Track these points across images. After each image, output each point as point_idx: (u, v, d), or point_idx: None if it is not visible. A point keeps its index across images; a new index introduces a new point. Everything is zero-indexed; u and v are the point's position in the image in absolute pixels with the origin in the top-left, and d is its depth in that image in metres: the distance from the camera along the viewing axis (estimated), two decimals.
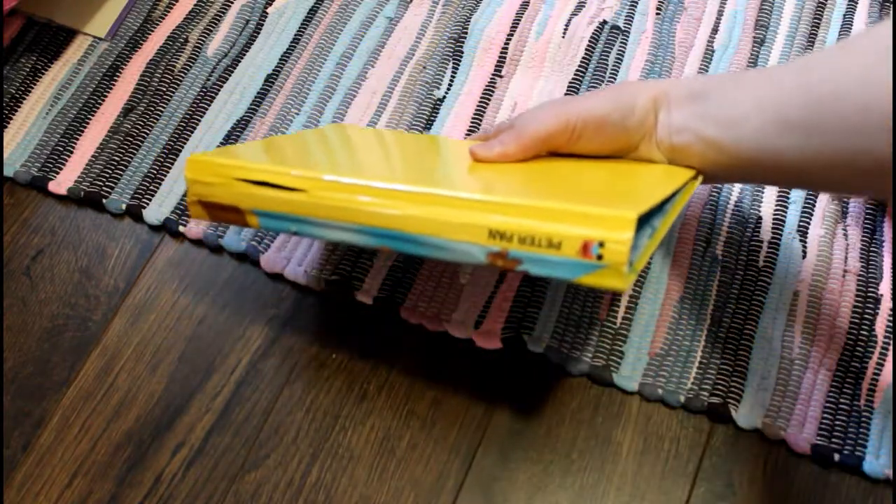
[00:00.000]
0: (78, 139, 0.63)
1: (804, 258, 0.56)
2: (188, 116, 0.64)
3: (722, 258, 0.57)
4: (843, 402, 0.52)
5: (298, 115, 0.63)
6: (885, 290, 0.55)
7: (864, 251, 0.56)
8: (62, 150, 0.63)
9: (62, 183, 0.62)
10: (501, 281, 0.57)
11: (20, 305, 0.58)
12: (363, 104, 0.64)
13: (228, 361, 0.56)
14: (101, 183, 0.61)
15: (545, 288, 0.56)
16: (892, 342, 0.54)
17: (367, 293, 0.57)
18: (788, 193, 0.58)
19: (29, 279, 0.59)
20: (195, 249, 0.60)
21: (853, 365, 0.53)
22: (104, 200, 0.61)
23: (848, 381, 0.53)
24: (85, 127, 0.64)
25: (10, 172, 0.62)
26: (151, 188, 0.61)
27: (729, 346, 0.54)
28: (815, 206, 0.58)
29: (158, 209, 0.60)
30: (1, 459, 0.53)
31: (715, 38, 0.65)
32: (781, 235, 0.57)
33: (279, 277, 0.58)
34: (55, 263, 0.59)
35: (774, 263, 0.56)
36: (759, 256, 0.57)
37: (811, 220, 0.58)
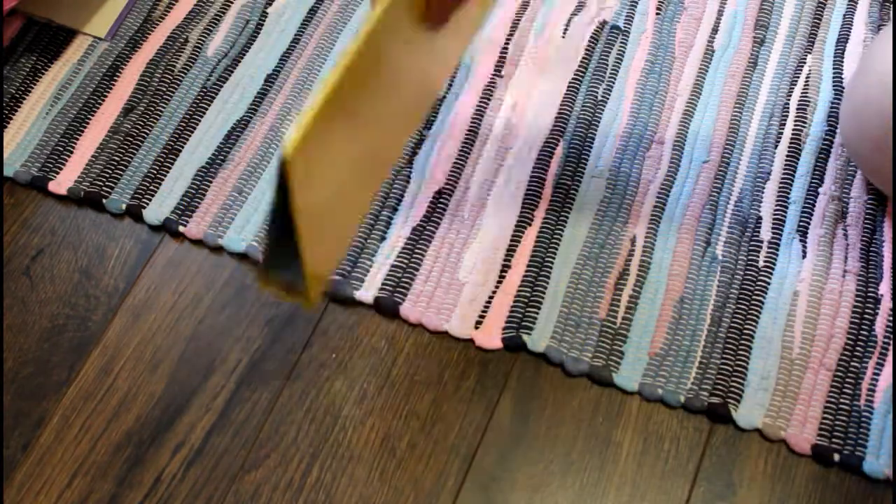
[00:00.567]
0: (78, 139, 0.63)
1: (804, 258, 0.56)
2: (188, 116, 0.64)
3: (722, 258, 0.57)
4: (843, 402, 0.52)
5: (298, 115, 0.63)
6: (885, 290, 0.55)
7: (863, 251, 0.56)
8: (62, 150, 0.63)
9: (62, 183, 0.62)
10: (501, 281, 0.57)
11: (20, 305, 0.58)
12: None
13: (228, 361, 0.56)
14: (101, 183, 0.61)
15: (545, 288, 0.56)
16: (892, 342, 0.54)
17: (367, 293, 0.57)
18: (788, 193, 0.59)
19: (29, 279, 0.59)
20: (195, 249, 0.60)
21: (853, 365, 0.53)
22: (104, 200, 0.61)
23: (848, 381, 0.53)
24: (85, 127, 0.64)
25: (10, 172, 0.62)
26: (151, 188, 0.61)
27: (729, 346, 0.54)
28: (815, 206, 0.58)
29: (158, 209, 0.60)
30: (1, 459, 0.53)
31: (715, 38, 0.65)
32: (781, 235, 0.57)
33: None
34: (55, 263, 0.59)
35: (774, 263, 0.56)
36: (759, 256, 0.57)
37: (811, 220, 0.58)
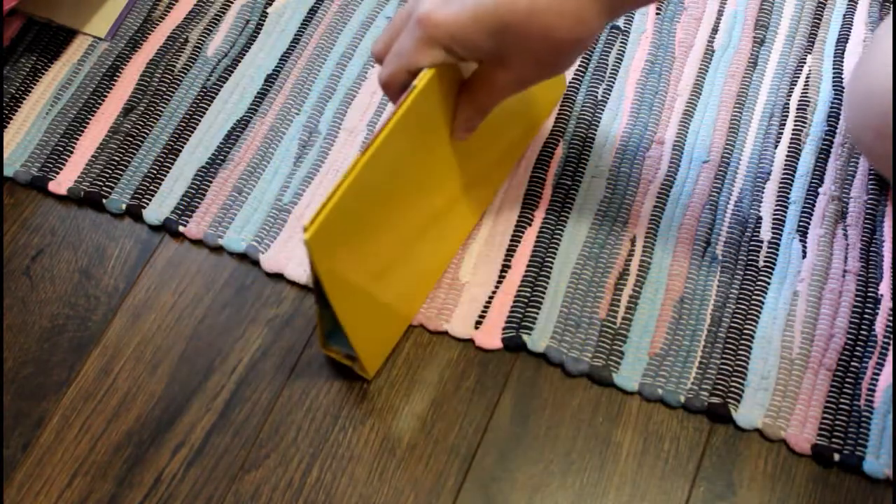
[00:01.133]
0: (78, 139, 0.63)
1: (804, 258, 0.56)
2: (188, 116, 0.64)
3: (722, 258, 0.57)
4: (843, 402, 0.52)
5: (298, 115, 0.63)
6: (884, 290, 0.55)
7: (863, 251, 0.56)
8: (62, 150, 0.63)
9: (62, 183, 0.62)
10: (501, 281, 0.57)
11: (20, 305, 0.58)
12: (363, 104, 0.64)
13: (228, 361, 0.56)
14: (101, 183, 0.61)
15: (545, 288, 0.56)
16: (892, 342, 0.54)
17: None
18: (788, 193, 0.59)
19: (29, 279, 0.59)
20: (195, 249, 0.60)
21: (853, 365, 0.53)
22: (104, 200, 0.61)
23: (848, 381, 0.53)
24: (85, 127, 0.64)
25: (10, 172, 0.62)
26: (151, 188, 0.61)
27: (729, 346, 0.54)
28: (814, 205, 0.58)
29: (158, 209, 0.60)
30: (1, 459, 0.53)
31: (715, 38, 0.65)
32: (781, 235, 0.57)
33: (279, 277, 0.58)
34: (55, 263, 0.59)
35: (774, 263, 0.56)
36: (759, 256, 0.57)
37: (811, 219, 0.58)
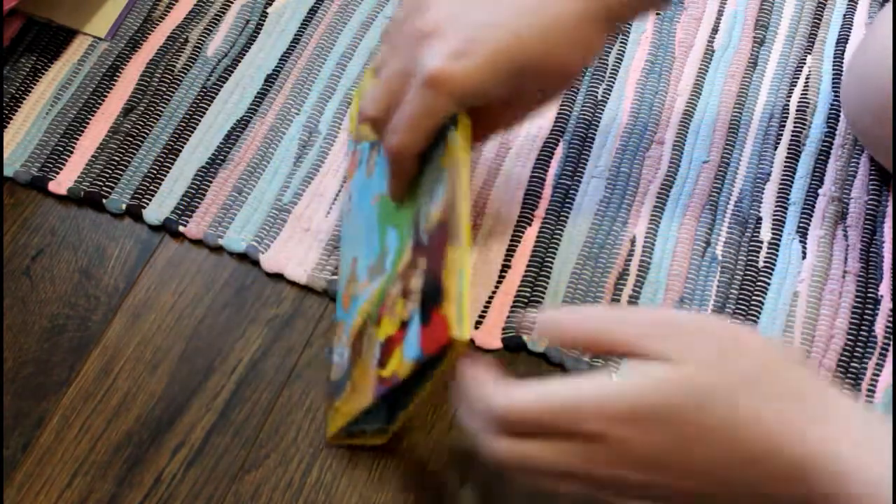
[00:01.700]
0: (78, 139, 0.63)
1: (804, 259, 0.56)
2: (188, 116, 0.64)
3: (722, 258, 0.57)
4: None
5: (298, 115, 0.63)
6: (884, 291, 0.55)
7: (863, 252, 0.56)
8: (62, 150, 0.63)
9: (62, 183, 0.62)
10: (501, 281, 0.57)
11: (20, 305, 0.58)
12: None
13: (228, 361, 0.56)
14: (101, 183, 0.61)
15: (545, 288, 0.56)
16: (892, 343, 0.54)
17: None
18: (788, 194, 0.59)
19: (29, 279, 0.59)
20: (195, 249, 0.60)
21: (853, 365, 0.53)
22: (104, 200, 0.61)
23: (848, 381, 0.53)
24: (85, 127, 0.64)
25: (10, 172, 0.62)
26: (151, 188, 0.61)
27: None
28: (814, 206, 0.58)
29: (158, 209, 0.60)
30: (1, 459, 0.53)
31: (715, 38, 0.65)
32: (781, 236, 0.57)
33: (279, 277, 0.58)
34: (55, 263, 0.59)
35: (774, 264, 0.56)
36: (758, 257, 0.57)
37: (811, 220, 0.58)
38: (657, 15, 0.66)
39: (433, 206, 0.46)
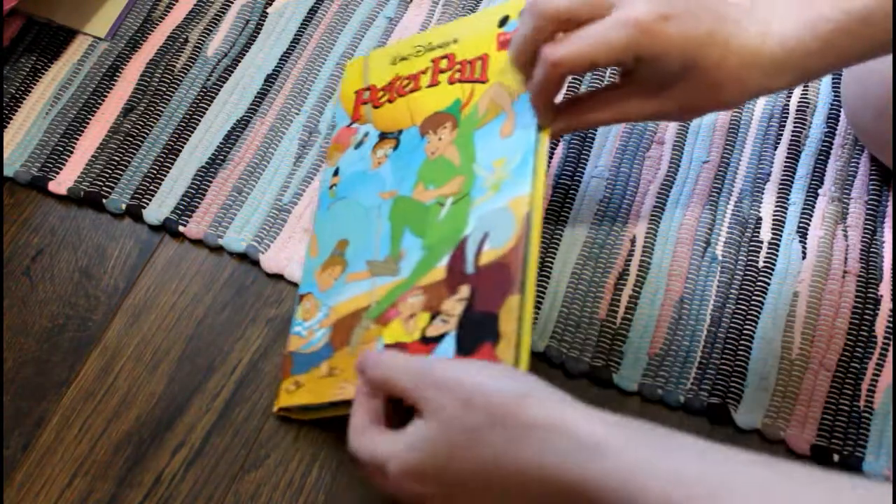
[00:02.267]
0: (78, 139, 0.63)
1: (804, 259, 0.56)
2: (188, 116, 0.64)
3: (722, 258, 0.57)
4: (842, 402, 0.52)
5: (298, 115, 0.63)
6: (884, 291, 0.55)
7: (864, 252, 0.56)
8: (62, 150, 0.63)
9: (62, 183, 0.62)
10: None
11: (20, 305, 0.58)
12: None
13: (228, 361, 0.56)
14: (101, 183, 0.61)
15: (545, 288, 0.56)
16: (892, 343, 0.54)
17: None
18: (788, 194, 0.59)
19: (29, 279, 0.59)
20: (195, 249, 0.60)
21: (853, 366, 0.53)
22: (104, 200, 0.61)
23: (848, 381, 0.53)
24: (85, 127, 0.64)
25: (10, 172, 0.62)
26: (151, 188, 0.61)
27: (729, 346, 0.54)
28: (814, 206, 0.58)
29: (158, 209, 0.60)
30: (1, 459, 0.53)
31: None
32: (781, 236, 0.57)
33: (279, 277, 0.58)
34: (55, 263, 0.59)
35: (774, 264, 0.56)
36: (758, 257, 0.57)
37: (811, 220, 0.58)
38: None
39: (490, 242, 0.47)
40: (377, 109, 0.58)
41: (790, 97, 0.62)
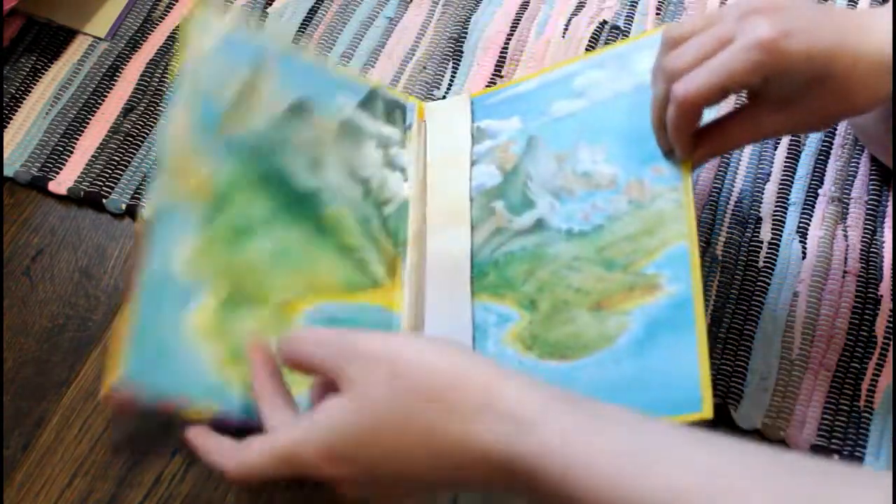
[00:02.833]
0: (78, 139, 0.63)
1: (804, 259, 0.56)
2: None
3: (722, 258, 0.57)
4: (842, 402, 0.52)
5: None
6: (884, 291, 0.55)
7: (864, 252, 0.56)
8: (62, 150, 0.63)
9: (62, 183, 0.62)
10: None
11: (20, 305, 0.58)
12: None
13: None
14: (101, 183, 0.61)
15: None
16: (892, 343, 0.54)
17: None
18: (788, 194, 0.59)
19: (29, 279, 0.59)
20: None
21: (853, 366, 0.53)
22: (104, 200, 0.61)
23: (848, 381, 0.53)
24: (85, 127, 0.64)
25: (10, 172, 0.62)
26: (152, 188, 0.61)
27: (729, 346, 0.54)
28: (815, 206, 0.58)
29: None
30: (1, 459, 0.53)
31: None
32: (781, 236, 0.57)
33: None
34: (55, 263, 0.59)
35: (774, 264, 0.56)
36: (759, 257, 0.57)
37: (811, 220, 0.58)
38: (657, 15, 0.66)
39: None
40: None
41: None
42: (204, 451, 0.43)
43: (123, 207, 0.61)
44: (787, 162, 0.60)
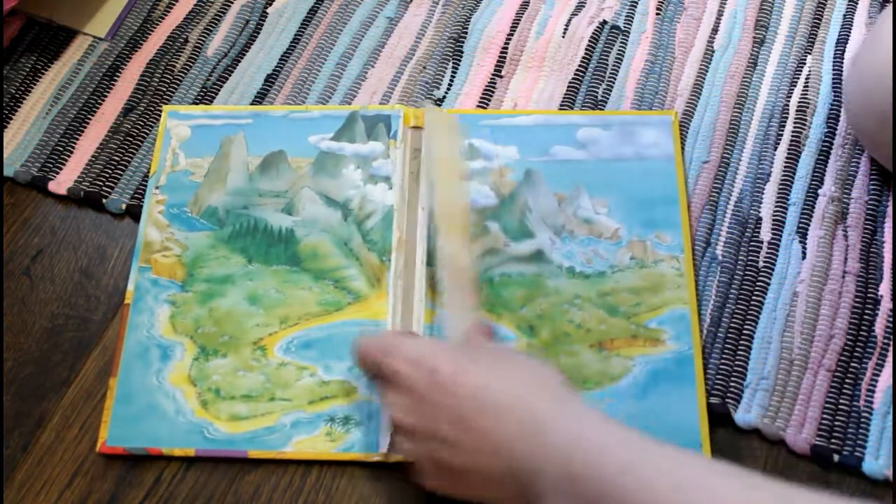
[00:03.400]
0: (78, 139, 0.63)
1: (804, 259, 0.56)
2: None
3: (722, 258, 0.57)
4: (842, 402, 0.52)
5: None
6: (884, 291, 0.55)
7: (863, 252, 0.56)
8: (62, 150, 0.63)
9: (62, 183, 0.62)
10: None
11: (20, 305, 0.58)
12: (363, 104, 0.64)
13: None
14: (101, 183, 0.61)
15: None
16: (891, 343, 0.54)
17: None
18: (788, 194, 0.59)
19: (29, 279, 0.59)
20: None
21: (852, 366, 0.53)
22: (104, 200, 0.61)
23: (847, 381, 0.53)
24: (85, 127, 0.64)
25: (10, 172, 0.62)
26: None
27: (728, 346, 0.54)
28: (814, 206, 0.58)
29: None
30: (1, 459, 0.53)
31: (715, 38, 0.65)
32: (781, 236, 0.57)
33: None
34: (55, 263, 0.59)
35: (774, 264, 0.56)
36: (758, 257, 0.57)
37: (811, 220, 0.58)
38: (657, 15, 0.66)
39: None
40: None
41: (790, 97, 0.62)
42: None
43: (123, 207, 0.61)
44: (787, 162, 0.60)
